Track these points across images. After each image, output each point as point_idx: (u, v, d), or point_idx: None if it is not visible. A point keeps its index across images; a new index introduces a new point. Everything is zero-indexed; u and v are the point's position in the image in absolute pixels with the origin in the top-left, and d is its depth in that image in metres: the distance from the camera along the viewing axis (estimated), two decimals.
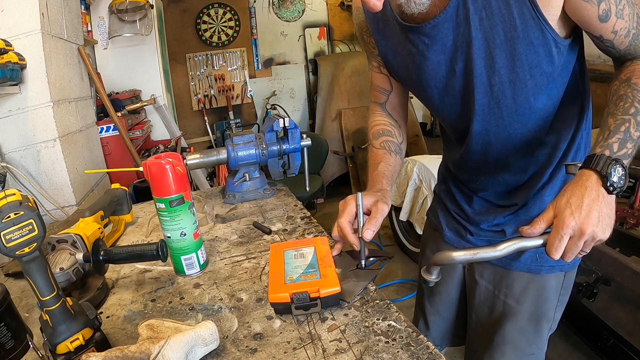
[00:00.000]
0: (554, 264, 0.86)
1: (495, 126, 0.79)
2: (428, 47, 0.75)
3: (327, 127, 4.03)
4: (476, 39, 0.70)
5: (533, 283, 0.89)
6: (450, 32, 0.71)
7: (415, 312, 1.21)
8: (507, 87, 0.73)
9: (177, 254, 0.82)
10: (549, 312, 0.91)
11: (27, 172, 1.37)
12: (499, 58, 0.70)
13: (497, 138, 0.81)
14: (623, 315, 1.60)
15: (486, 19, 0.67)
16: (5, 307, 0.60)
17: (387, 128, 0.96)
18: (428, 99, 0.85)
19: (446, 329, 1.13)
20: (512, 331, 0.92)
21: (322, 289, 0.66)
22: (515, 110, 0.76)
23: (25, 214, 0.49)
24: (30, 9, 1.32)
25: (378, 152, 0.92)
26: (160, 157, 0.79)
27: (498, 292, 0.93)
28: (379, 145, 0.94)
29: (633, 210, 2.80)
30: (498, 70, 0.71)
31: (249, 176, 1.22)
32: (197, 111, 4.03)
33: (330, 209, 3.86)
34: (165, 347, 0.53)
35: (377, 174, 0.87)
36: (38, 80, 1.35)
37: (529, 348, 0.93)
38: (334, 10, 4.38)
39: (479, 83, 0.74)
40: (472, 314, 1.01)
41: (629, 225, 2.79)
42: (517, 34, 0.67)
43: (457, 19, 0.69)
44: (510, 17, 0.66)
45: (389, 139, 0.94)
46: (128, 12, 2.44)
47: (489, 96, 0.76)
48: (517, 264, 0.88)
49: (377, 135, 0.96)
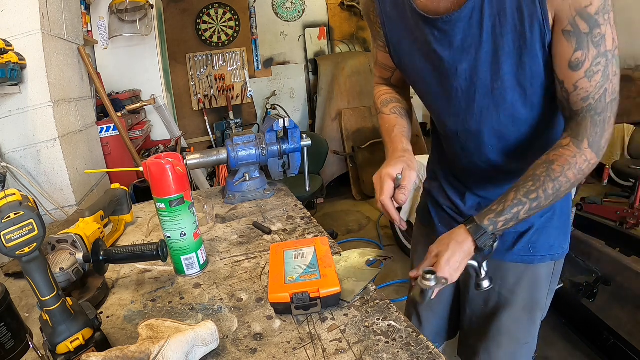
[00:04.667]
0: (545, 253, 0.89)
1: (490, 128, 0.81)
2: (436, 40, 0.75)
3: (327, 127, 4.03)
4: (486, 43, 0.70)
5: (526, 273, 0.91)
6: (460, 32, 0.71)
7: (407, 309, 1.21)
8: (508, 92, 0.74)
9: (177, 254, 0.82)
10: (542, 300, 0.94)
11: (27, 172, 1.37)
12: (504, 65, 0.71)
13: (492, 140, 0.82)
14: (623, 315, 1.60)
15: (499, 25, 0.68)
16: (5, 307, 0.59)
17: (395, 96, 0.97)
18: (425, 90, 0.87)
19: (439, 324, 1.15)
20: (508, 321, 0.94)
21: (322, 289, 0.66)
22: (512, 115, 0.77)
23: (25, 214, 0.49)
24: (30, 9, 1.32)
25: (390, 117, 0.93)
26: (160, 157, 0.79)
27: (493, 284, 0.95)
28: (389, 111, 0.94)
29: (633, 210, 2.81)
30: (502, 77, 0.72)
31: (249, 176, 1.22)
32: (197, 111, 4.03)
33: (330, 209, 3.86)
34: (165, 347, 0.53)
35: (396, 136, 0.88)
36: (38, 80, 1.35)
37: (524, 337, 0.95)
38: (334, 10, 4.37)
39: (481, 86, 0.75)
40: (466, 307, 1.03)
41: (629, 225, 2.80)
42: (526, 45, 0.68)
43: (471, 21, 0.69)
44: (522, 28, 0.66)
45: (398, 105, 0.95)
46: (128, 12, 2.44)
47: (488, 99, 0.77)
48: (510, 255, 0.91)
49: (385, 102, 0.96)
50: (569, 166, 0.69)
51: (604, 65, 0.64)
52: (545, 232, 0.89)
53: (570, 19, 0.62)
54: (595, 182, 3.82)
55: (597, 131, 0.68)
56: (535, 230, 0.88)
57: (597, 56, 0.64)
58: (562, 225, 0.91)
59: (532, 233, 0.89)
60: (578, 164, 0.69)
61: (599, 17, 0.61)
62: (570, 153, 0.69)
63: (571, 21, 0.63)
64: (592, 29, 0.62)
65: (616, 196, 3.35)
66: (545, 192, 0.70)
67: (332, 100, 4.03)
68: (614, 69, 0.65)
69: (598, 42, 0.63)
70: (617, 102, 0.68)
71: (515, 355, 0.97)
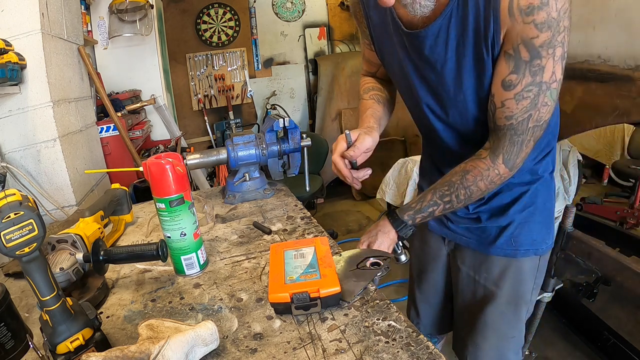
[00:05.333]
0: (528, 247, 0.92)
1: (457, 131, 0.88)
2: (411, 49, 0.81)
3: (327, 127, 4.02)
4: (450, 61, 0.76)
5: (510, 267, 0.94)
6: (428, 47, 0.77)
7: (408, 301, 1.27)
8: (470, 104, 0.80)
9: (177, 254, 0.82)
10: (526, 294, 0.97)
11: (27, 172, 1.37)
12: (466, 80, 0.77)
13: (461, 142, 0.89)
14: (623, 315, 1.60)
15: (462, 46, 0.73)
16: (5, 307, 0.59)
17: (377, 85, 1.03)
18: (400, 90, 0.95)
19: (435, 315, 1.19)
20: (493, 314, 0.97)
21: (322, 289, 0.66)
22: (477, 119, 0.82)
23: (25, 214, 0.49)
24: (30, 9, 1.32)
25: (367, 102, 0.99)
26: (160, 157, 0.79)
27: (478, 277, 0.98)
28: (368, 97, 1.00)
29: (633, 210, 2.81)
30: (464, 91, 0.78)
31: (249, 176, 1.22)
32: (197, 111, 4.03)
33: (330, 209, 3.86)
34: (165, 347, 0.53)
35: (365, 116, 0.94)
36: (38, 80, 1.35)
37: (510, 331, 0.98)
38: (334, 10, 4.37)
39: (446, 96, 0.82)
40: (457, 299, 1.06)
41: (629, 225, 2.80)
42: (484, 64, 0.72)
43: (437, 39, 0.74)
44: (480, 48, 0.71)
45: (379, 93, 1.00)
46: (128, 12, 2.44)
47: (453, 107, 0.83)
48: (494, 248, 0.94)
49: (367, 90, 1.02)
50: (481, 177, 0.78)
51: (535, 94, 0.68)
52: (527, 226, 0.92)
53: (515, 45, 0.66)
54: (595, 182, 3.82)
55: (514, 150, 0.74)
56: (517, 224, 0.91)
57: (530, 84, 0.68)
58: (544, 220, 0.94)
59: (514, 227, 0.91)
60: (490, 176, 0.77)
61: (542, 50, 0.65)
62: (484, 166, 0.77)
63: (515, 47, 0.67)
64: (533, 59, 0.66)
65: (616, 196, 3.35)
66: (457, 197, 0.81)
67: (332, 100, 4.03)
68: (545, 100, 0.69)
69: (535, 71, 0.67)
70: (542, 129, 0.73)
71: (501, 349, 0.99)
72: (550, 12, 0.61)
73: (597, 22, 1.36)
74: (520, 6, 0.63)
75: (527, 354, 1.31)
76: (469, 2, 0.68)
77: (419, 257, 1.18)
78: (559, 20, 0.62)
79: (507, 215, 0.91)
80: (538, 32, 0.63)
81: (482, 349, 1.00)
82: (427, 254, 1.14)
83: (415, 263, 1.20)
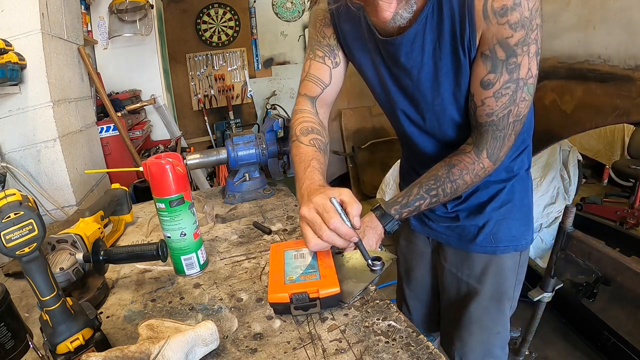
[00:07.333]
0: (508, 243, 0.94)
1: (432, 136, 0.89)
2: (386, 56, 0.82)
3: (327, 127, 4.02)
4: (427, 65, 0.77)
5: (491, 263, 0.95)
6: (404, 54, 0.78)
7: (397, 298, 1.29)
8: (447, 107, 0.82)
9: (177, 254, 0.82)
10: (509, 290, 0.98)
11: (27, 172, 1.37)
12: (443, 82, 0.78)
13: (436, 146, 0.91)
14: (623, 315, 1.61)
15: (438, 50, 0.74)
16: (5, 307, 0.59)
17: (316, 127, 0.93)
18: (375, 97, 0.96)
19: (426, 312, 1.21)
20: (477, 310, 0.99)
21: (322, 290, 0.66)
22: (454, 122, 0.84)
23: (25, 214, 0.49)
24: (30, 9, 1.32)
25: (308, 149, 0.88)
26: (160, 157, 0.79)
27: (461, 274, 1.00)
28: (308, 142, 0.90)
29: (633, 210, 2.81)
30: (442, 94, 0.80)
31: (249, 176, 1.22)
32: (197, 111, 4.04)
33: None
34: (165, 347, 0.53)
35: (312, 170, 0.81)
36: (38, 80, 1.35)
37: (494, 327, 1.00)
38: None
39: (423, 102, 0.83)
40: (443, 296, 1.08)
41: (629, 225, 2.80)
42: (460, 66, 0.74)
43: (413, 45, 0.75)
44: (456, 51, 0.72)
45: (318, 137, 0.91)
46: (128, 12, 2.44)
47: (430, 112, 0.85)
48: (474, 246, 0.96)
49: (305, 131, 0.92)
50: (467, 171, 0.79)
51: (513, 90, 0.70)
52: (505, 223, 0.93)
53: (491, 45, 0.68)
54: (595, 182, 3.82)
55: (496, 144, 0.77)
56: (495, 222, 0.93)
57: (508, 81, 0.70)
58: (523, 216, 0.95)
59: (492, 225, 0.93)
60: (475, 170, 0.79)
61: (517, 49, 0.67)
62: (469, 160, 0.79)
63: (491, 47, 0.69)
64: (509, 57, 0.68)
65: (616, 196, 3.35)
66: (444, 191, 0.82)
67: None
68: (523, 95, 0.71)
69: (512, 69, 0.69)
70: (522, 123, 0.76)
71: (487, 345, 1.01)
72: (523, 11, 0.64)
73: (597, 22, 1.36)
74: (494, 8, 0.65)
75: (527, 354, 1.31)
76: (444, 7, 0.69)
77: (405, 255, 1.19)
78: (531, 19, 0.64)
79: (484, 213, 0.93)
80: (512, 32, 0.65)
81: (468, 345, 1.01)
82: (413, 252, 1.16)
83: (402, 261, 1.22)
